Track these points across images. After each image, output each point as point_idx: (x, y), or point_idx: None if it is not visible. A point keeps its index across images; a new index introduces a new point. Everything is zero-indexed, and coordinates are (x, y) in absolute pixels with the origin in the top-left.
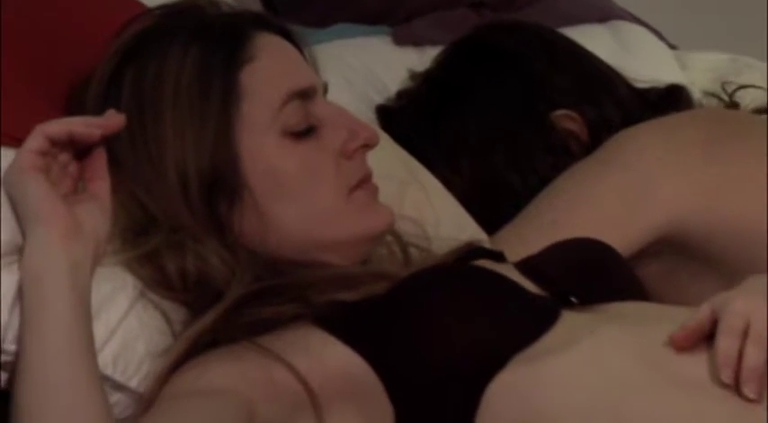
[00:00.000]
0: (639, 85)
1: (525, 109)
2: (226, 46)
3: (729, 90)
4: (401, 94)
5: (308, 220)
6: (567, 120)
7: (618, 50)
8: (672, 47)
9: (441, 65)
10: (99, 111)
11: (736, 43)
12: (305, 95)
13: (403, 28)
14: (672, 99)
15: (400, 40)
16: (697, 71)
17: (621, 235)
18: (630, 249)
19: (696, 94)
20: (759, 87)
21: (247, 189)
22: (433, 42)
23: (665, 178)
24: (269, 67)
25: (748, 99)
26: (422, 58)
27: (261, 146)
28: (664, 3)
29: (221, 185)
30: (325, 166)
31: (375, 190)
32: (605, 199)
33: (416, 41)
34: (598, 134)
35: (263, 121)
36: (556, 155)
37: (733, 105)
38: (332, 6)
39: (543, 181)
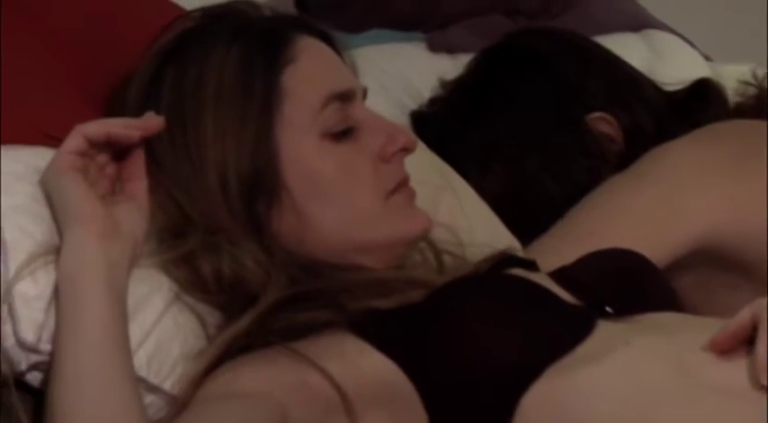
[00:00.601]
0: (669, 87)
1: (558, 112)
2: (267, 47)
3: (760, 76)
4: (433, 101)
5: (345, 223)
6: (603, 122)
7: (652, 58)
8: (706, 59)
9: (473, 70)
10: (139, 111)
11: None
12: (344, 98)
13: (437, 34)
14: (700, 95)
15: (435, 47)
16: (731, 81)
17: (657, 246)
18: (665, 261)
19: (728, 84)
20: None
21: (286, 190)
22: (468, 49)
23: (700, 191)
24: (309, 69)
25: None
26: (456, 65)
27: (300, 147)
28: (698, 15)
29: (260, 186)
30: (363, 168)
31: (412, 194)
32: (641, 211)
33: (451, 48)
34: (632, 139)
35: (303, 123)
36: (591, 158)
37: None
38: (365, 12)
39: (578, 185)
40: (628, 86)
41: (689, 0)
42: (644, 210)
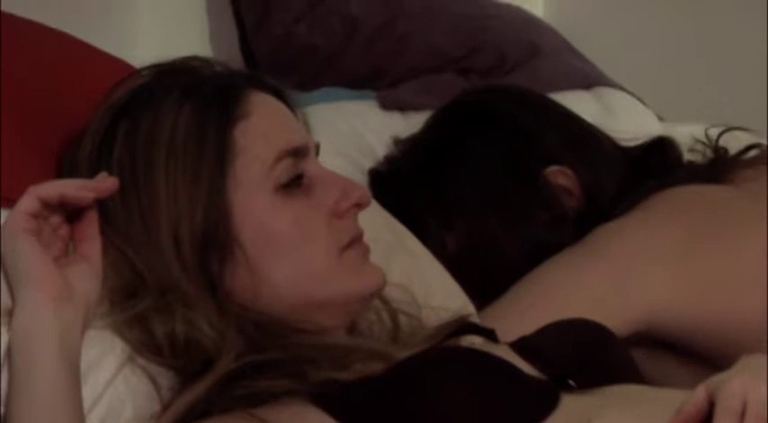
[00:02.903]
0: (625, 143)
1: (517, 167)
2: (220, 102)
3: (713, 136)
4: (388, 159)
5: (298, 279)
6: (561, 175)
7: (603, 115)
8: (659, 118)
9: (431, 127)
10: (91, 168)
11: (722, 115)
12: (297, 153)
13: (390, 93)
14: (656, 153)
15: (387, 105)
16: (683, 141)
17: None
18: None
19: (683, 142)
20: (743, 129)
21: (239, 246)
22: (420, 107)
23: (647, 274)
24: (262, 125)
25: (735, 143)
26: (408, 123)
27: (253, 203)
28: (650, 75)
29: (213, 243)
30: (316, 224)
31: (366, 250)
32: (586, 291)
33: (403, 106)
34: (591, 194)
35: (256, 179)
36: (550, 212)
37: (719, 150)
38: (316, 70)
39: (537, 241)
40: (586, 141)
41: (640, 60)
42: (589, 289)
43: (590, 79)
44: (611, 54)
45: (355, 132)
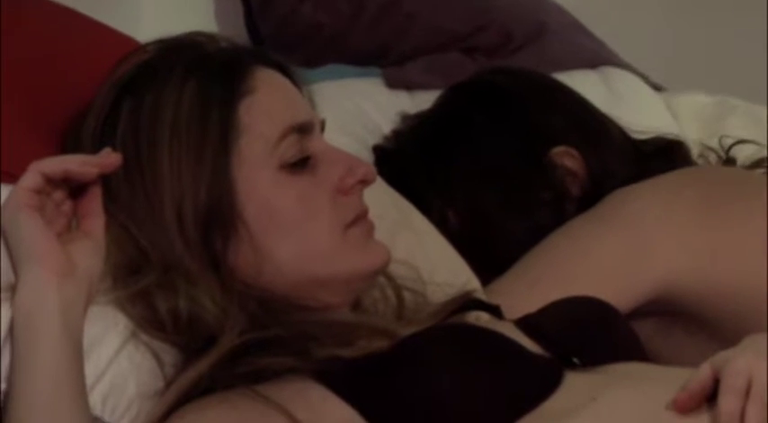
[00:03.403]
0: (635, 135)
1: (523, 147)
2: (224, 78)
3: (726, 145)
4: (395, 134)
5: (302, 256)
6: (566, 156)
7: (609, 97)
8: (659, 88)
9: (441, 105)
10: (95, 144)
11: (723, 83)
12: (302, 130)
13: (395, 71)
14: (668, 155)
15: (393, 84)
16: (686, 118)
17: (614, 294)
18: (622, 309)
19: (693, 148)
20: (756, 143)
21: (243, 223)
22: (426, 87)
23: (662, 240)
24: (267, 101)
25: (742, 156)
26: (414, 102)
27: (257, 180)
28: (651, 43)
29: (217, 220)
30: (321, 201)
31: (371, 227)
32: (601, 257)
33: (409, 85)
34: (599, 179)
35: (260, 156)
36: (552, 192)
37: (729, 160)
38: (321, 48)
39: (538, 220)
40: (595, 128)
41: (642, 29)
42: (604, 256)
43: (598, 58)
44: (619, 31)
45: (360, 110)
